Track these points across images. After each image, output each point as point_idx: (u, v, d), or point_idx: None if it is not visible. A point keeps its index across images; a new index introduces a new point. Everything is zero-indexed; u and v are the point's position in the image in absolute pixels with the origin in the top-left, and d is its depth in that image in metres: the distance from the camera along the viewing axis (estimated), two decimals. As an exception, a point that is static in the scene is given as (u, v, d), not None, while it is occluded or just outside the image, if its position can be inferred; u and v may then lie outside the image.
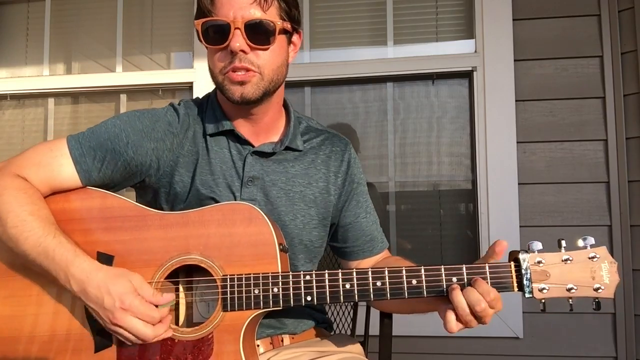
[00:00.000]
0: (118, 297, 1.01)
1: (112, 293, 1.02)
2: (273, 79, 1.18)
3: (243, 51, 1.13)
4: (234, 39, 1.12)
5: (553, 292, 1.02)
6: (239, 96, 1.15)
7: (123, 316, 1.01)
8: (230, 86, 1.16)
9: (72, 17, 2.94)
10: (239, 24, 1.11)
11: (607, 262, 1.02)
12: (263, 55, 1.15)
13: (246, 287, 1.07)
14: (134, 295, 1.03)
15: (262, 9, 1.13)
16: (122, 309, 1.01)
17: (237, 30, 1.11)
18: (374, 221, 1.40)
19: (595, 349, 2.31)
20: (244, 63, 1.13)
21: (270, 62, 1.17)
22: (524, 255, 1.03)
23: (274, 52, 1.17)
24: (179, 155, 1.24)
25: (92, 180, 1.19)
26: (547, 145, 2.41)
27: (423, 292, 1.05)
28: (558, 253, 1.03)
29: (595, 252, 1.02)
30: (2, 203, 1.09)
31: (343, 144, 1.38)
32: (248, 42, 1.12)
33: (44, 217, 1.10)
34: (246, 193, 1.23)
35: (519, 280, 1.03)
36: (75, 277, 1.04)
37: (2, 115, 2.97)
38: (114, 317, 1.01)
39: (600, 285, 1.01)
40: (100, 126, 1.22)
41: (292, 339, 1.29)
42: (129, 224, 1.13)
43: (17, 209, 1.08)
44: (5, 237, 1.09)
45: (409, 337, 2.34)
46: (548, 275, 1.02)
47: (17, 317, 1.12)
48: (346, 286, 1.07)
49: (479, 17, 2.49)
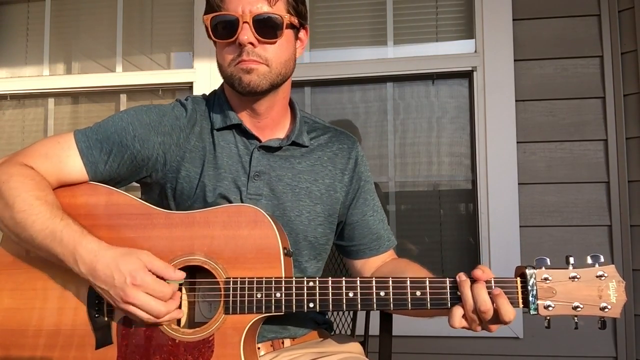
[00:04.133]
0: (129, 273, 1.02)
1: (122, 270, 1.02)
2: (281, 72, 1.20)
3: (251, 44, 1.15)
4: (242, 32, 1.14)
5: (559, 309, 1.00)
6: (246, 84, 1.17)
7: (135, 293, 1.01)
8: (238, 74, 1.17)
9: (72, 17, 2.94)
10: (247, 18, 1.14)
11: (615, 281, 1.00)
12: (271, 49, 1.17)
13: (249, 290, 1.07)
14: (144, 271, 1.03)
15: (269, 3, 1.16)
16: (134, 285, 1.01)
17: (246, 24, 1.14)
18: (381, 219, 1.40)
19: (595, 349, 2.31)
20: (252, 56, 1.16)
21: (278, 55, 1.19)
22: (530, 271, 1.02)
23: (282, 46, 1.19)
24: (186, 151, 1.24)
25: (98, 173, 1.19)
26: (547, 145, 2.41)
27: (427, 304, 1.04)
28: (565, 270, 1.01)
29: (604, 271, 1.00)
30: (10, 189, 1.10)
31: (350, 142, 1.38)
32: (256, 36, 1.15)
33: (51, 202, 1.10)
34: (252, 187, 1.23)
35: (525, 296, 1.02)
36: (83, 257, 1.04)
37: (2, 115, 2.97)
38: (125, 294, 1.01)
39: (607, 304, 1.00)
40: (107, 120, 1.23)
41: (293, 342, 1.29)
42: (135, 221, 1.14)
43: (24, 194, 1.09)
44: (12, 223, 1.09)
45: (409, 337, 2.34)
46: (554, 293, 1.00)
47: (23, 309, 1.13)
48: (349, 295, 1.06)
49: (479, 17, 2.49)
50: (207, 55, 2.64)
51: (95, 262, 1.04)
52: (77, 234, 1.06)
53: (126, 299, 1.02)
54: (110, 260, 1.03)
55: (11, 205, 1.09)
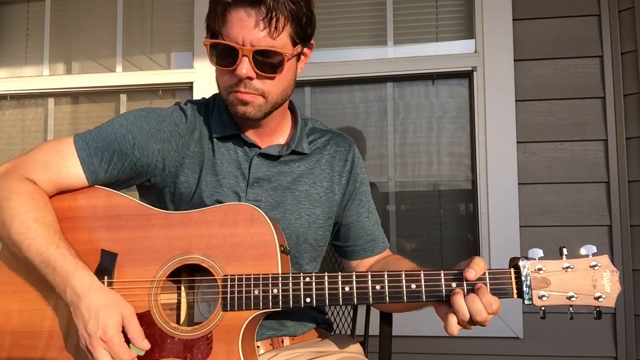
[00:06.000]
0: (103, 326, 1.02)
1: (99, 320, 1.03)
2: (277, 101, 1.20)
3: (249, 77, 1.14)
4: (241, 65, 1.12)
5: (553, 299, 1.01)
6: (241, 114, 1.18)
7: (98, 346, 1.02)
8: (234, 103, 1.18)
9: (72, 17, 2.95)
10: (247, 52, 1.12)
11: (609, 270, 1.01)
12: (269, 82, 1.17)
13: (246, 287, 1.07)
14: (117, 330, 1.03)
15: (272, 36, 1.12)
16: (101, 339, 1.02)
17: (245, 57, 1.12)
18: (376, 221, 1.41)
19: (595, 349, 2.31)
20: (249, 89, 1.15)
21: (276, 87, 1.18)
22: (524, 262, 1.03)
23: (280, 79, 1.18)
24: (185, 156, 1.24)
25: (98, 181, 1.20)
26: (547, 145, 2.41)
27: (422, 296, 1.05)
28: (559, 261, 1.03)
29: (597, 261, 1.01)
30: (9, 208, 1.10)
31: (347, 144, 1.39)
32: (255, 70, 1.13)
33: (48, 225, 1.11)
34: (251, 194, 1.24)
35: (519, 286, 1.03)
36: (73, 289, 1.05)
37: (2, 115, 2.97)
38: (91, 342, 1.03)
39: (601, 294, 1.00)
40: (107, 126, 1.22)
41: (292, 340, 1.29)
42: (133, 222, 1.15)
43: (23, 215, 1.09)
44: (10, 242, 1.11)
45: (409, 337, 2.34)
46: (548, 283, 1.01)
47: (26, 311, 1.14)
48: (345, 289, 1.07)
49: (479, 17, 2.49)
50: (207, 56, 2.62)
51: (80, 300, 1.05)
52: (71, 265, 1.07)
53: (89, 346, 1.03)
54: (93, 305, 1.04)
55: (9, 225, 1.10)
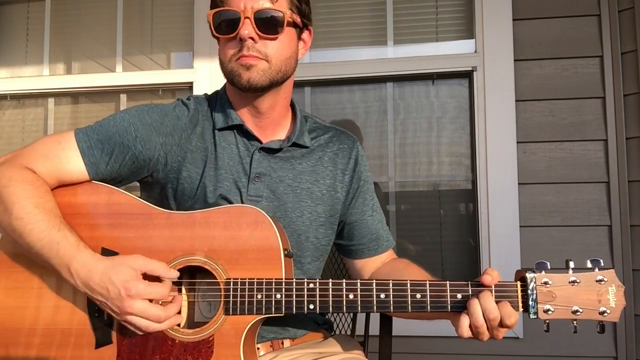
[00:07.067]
0: (122, 285, 1.01)
1: (115, 282, 1.02)
2: (281, 68, 1.20)
3: (252, 39, 1.16)
4: (243, 27, 1.15)
5: (558, 313, 1.01)
6: (246, 80, 1.17)
7: (131, 302, 1.01)
8: (238, 71, 1.18)
9: (72, 17, 2.94)
10: (249, 13, 1.15)
11: (615, 285, 1.00)
12: (271, 45, 1.18)
13: (249, 291, 1.07)
14: (136, 279, 1.03)
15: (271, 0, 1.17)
16: (129, 296, 1.01)
17: (247, 20, 1.15)
18: (380, 219, 1.41)
19: (595, 349, 2.31)
20: (252, 51, 1.16)
21: (279, 51, 1.19)
22: (531, 275, 1.02)
23: (283, 43, 1.20)
24: (187, 151, 1.24)
25: (99, 174, 1.19)
26: (547, 145, 2.41)
27: (427, 307, 1.04)
28: (565, 274, 1.02)
29: (603, 275, 1.01)
30: (9, 194, 1.09)
31: (351, 142, 1.38)
32: (257, 31, 1.16)
33: (49, 210, 1.09)
34: (253, 189, 1.23)
35: (525, 300, 1.02)
36: (78, 272, 1.04)
37: (2, 115, 2.97)
38: (123, 305, 1.01)
39: (606, 309, 1.00)
40: (108, 120, 1.22)
41: (293, 342, 1.29)
42: (135, 221, 1.13)
43: (23, 201, 1.08)
44: (10, 229, 1.09)
45: (409, 337, 2.34)
46: (554, 297, 1.01)
47: (21, 308, 1.12)
48: (349, 296, 1.06)
49: (479, 17, 2.49)
50: (207, 55, 2.64)
51: (89, 277, 1.03)
52: (72, 247, 1.06)
53: (124, 309, 1.02)
54: (103, 273, 1.03)
55: (10, 211, 1.08)
